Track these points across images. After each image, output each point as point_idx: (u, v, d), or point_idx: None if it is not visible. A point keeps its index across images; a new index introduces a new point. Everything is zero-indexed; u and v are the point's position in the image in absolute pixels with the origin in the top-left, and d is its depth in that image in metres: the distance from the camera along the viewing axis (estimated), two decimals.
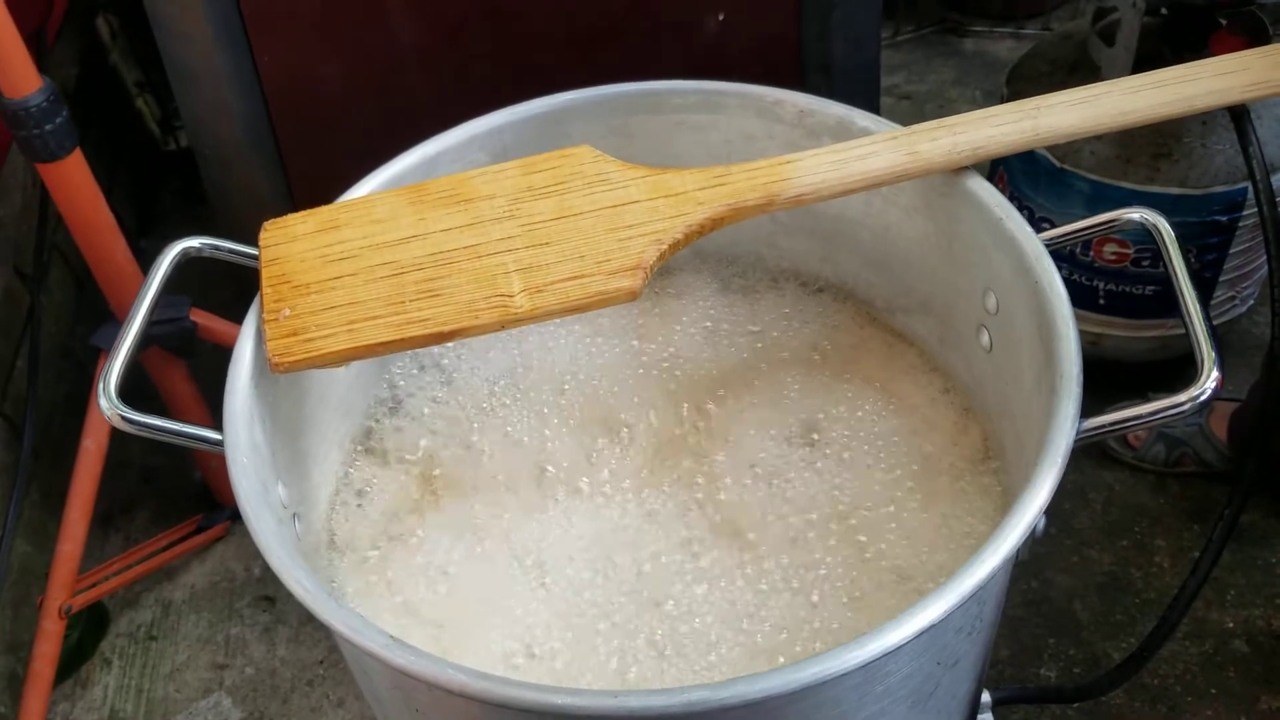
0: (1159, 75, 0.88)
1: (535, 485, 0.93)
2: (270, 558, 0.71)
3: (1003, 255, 0.84)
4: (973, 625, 0.75)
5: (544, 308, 0.81)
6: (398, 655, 0.65)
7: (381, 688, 0.77)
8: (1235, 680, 1.40)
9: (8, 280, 1.63)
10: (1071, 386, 0.73)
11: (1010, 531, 0.67)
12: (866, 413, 0.96)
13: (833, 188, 0.86)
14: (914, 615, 0.64)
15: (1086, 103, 0.86)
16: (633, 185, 0.86)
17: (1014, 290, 0.84)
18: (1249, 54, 0.89)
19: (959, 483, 0.91)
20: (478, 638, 0.83)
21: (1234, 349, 1.74)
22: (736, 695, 0.62)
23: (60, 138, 1.20)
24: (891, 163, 0.86)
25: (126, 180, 2.12)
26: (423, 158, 0.97)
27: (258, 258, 0.86)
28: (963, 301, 0.92)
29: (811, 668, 0.63)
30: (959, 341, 0.95)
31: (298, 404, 0.88)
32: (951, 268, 0.93)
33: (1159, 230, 0.80)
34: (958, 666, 0.77)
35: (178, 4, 1.26)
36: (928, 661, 0.72)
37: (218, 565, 1.64)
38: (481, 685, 0.64)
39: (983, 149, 0.86)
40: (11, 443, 1.54)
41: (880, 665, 0.66)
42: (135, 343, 0.82)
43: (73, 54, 1.96)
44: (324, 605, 0.68)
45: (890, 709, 0.73)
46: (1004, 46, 2.44)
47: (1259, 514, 1.55)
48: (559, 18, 1.32)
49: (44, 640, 1.39)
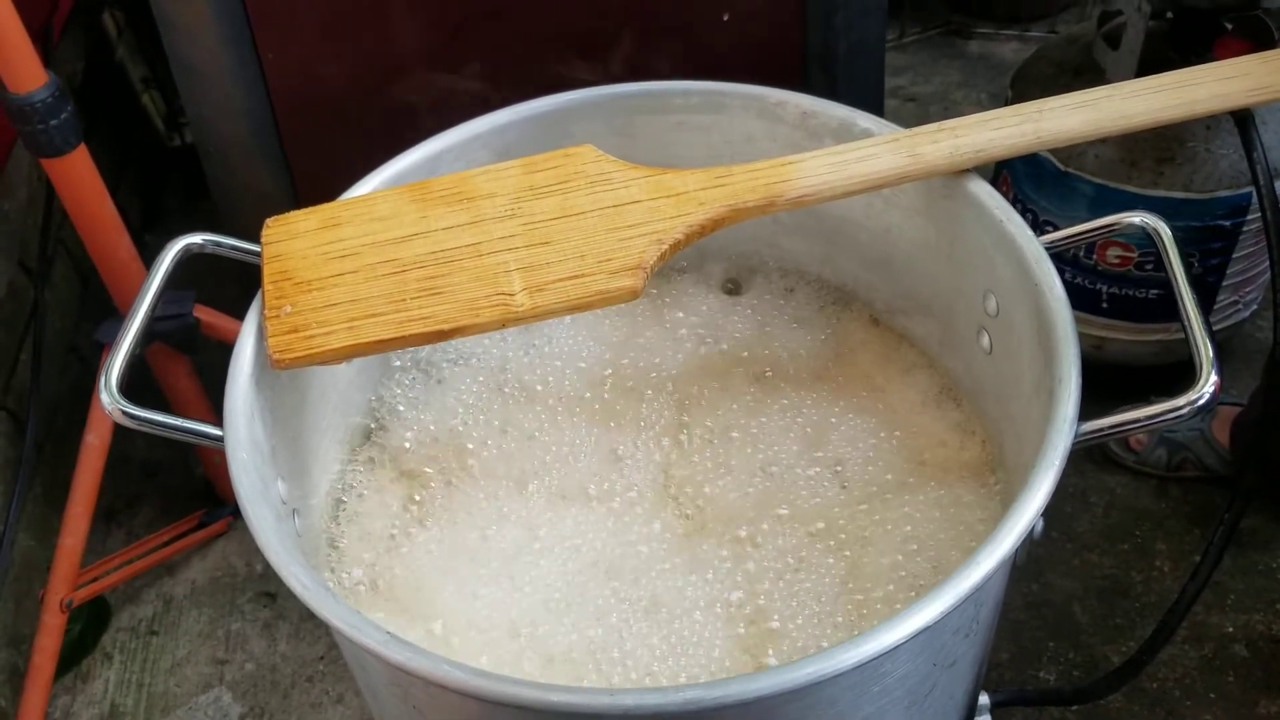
0: (1160, 79, 0.88)
1: (533, 485, 0.93)
2: (269, 554, 0.71)
3: (1003, 258, 0.84)
4: (970, 627, 0.75)
5: (544, 306, 0.81)
6: (395, 652, 0.66)
7: (379, 684, 0.78)
8: (1234, 685, 1.40)
9: (12, 275, 1.64)
10: (1070, 389, 0.73)
11: (1007, 534, 0.67)
12: (866, 414, 0.96)
13: (834, 189, 0.86)
14: (909, 616, 0.64)
15: (1088, 106, 0.86)
16: (634, 185, 0.87)
17: (1014, 293, 0.84)
18: (1250, 59, 0.89)
19: (960, 485, 0.91)
20: (475, 634, 0.83)
21: (1237, 354, 1.74)
22: (732, 694, 0.63)
23: (65, 133, 1.21)
24: (893, 165, 0.86)
25: (132, 176, 2.12)
26: (425, 156, 0.98)
27: (260, 254, 0.87)
28: (963, 304, 0.92)
29: (807, 668, 0.63)
30: (959, 344, 0.95)
31: (298, 401, 0.88)
32: (952, 270, 0.93)
33: (1159, 234, 0.80)
34: (955, 667, 0.78)
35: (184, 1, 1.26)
36: (924, 662, 0.73)
37: (219, 561, 1.64)
38: (478, 682, 0.64)
39: (984, 151, 0.86)
40: (15, 437, 1.55)
41: (876, 666, 0.66)
42: (136, 338, 0.82)
43: (79, 49, 1.96)
44: (321, 601, 0.68)
45: (887, 709, 0.73)
46: (1009, 49, 2.44)
47: (1260, 519, 1.55)
48: (563, 17, 1.32)
49: (45, 634, 1.40)
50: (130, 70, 2.08)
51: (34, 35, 1.17)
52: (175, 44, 1.31)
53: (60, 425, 1.67)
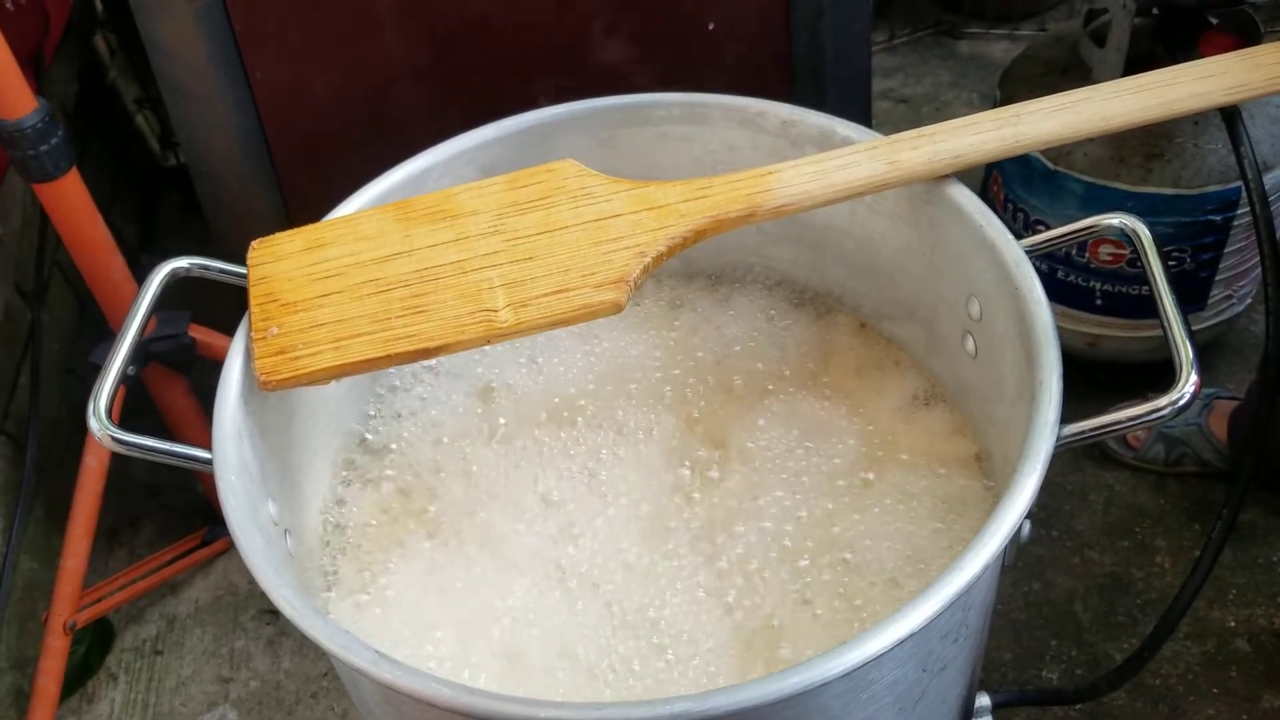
0: (1139, 80, 0.88)
1: (526, 499, 0.93)
2: (257, 575, 0.71)
3: (984, 262, 0.85)
4: (958, 631, 0.75)
5: (528, 322, 0.82)
6: (384, 670, 0.66)
7: (372, 701, 0.78)
8: (1237, 679, 1.39)
9: (8, 298, 1.64)
10: (1051, 393, 0.73)
11: (990, 538, 0.67)
12: (854, 419, 0.96)
13: (814, 198, 0.86)
14: (895, 622, 0.64)
15: (1066, 109, 0.86)
16: (616, 199, 0.87)
17: (996, 297, 0.84)
18: (1229, 57, 0.89)
19: (949, 488, 0.91)
20: (468, 650, 0.84)
21: (1232, 348, 1.74)
22: (720, 705, 0.63)
23: (56, 158, 1.21)
24: (872, 172, 0.86)
25: (127, 196, 2.13)
26: (411, 173, 0.98)
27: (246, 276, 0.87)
28: (947, 308, 0.93)
29: (794, 676, 0.63)
30: (945, 348, 0.95)
31: (287, 421, 0.89)
32: (935, 275, 0.93)
33: (1138, 235, 0.80)
34: (945, 672, 0.78)
35: (171, 22, 1.27)
36: (913, 668, 0.73)
37: (221, 579, 1.65)
38: (467, 700, 0.64)
39: (963, 157, 0.86)
40: (15, 459, 1.55)
41: (864, 673, 0.66)
42: (125, 362, 0.83)
43: (72, 73, 1.97)
44: (310, 621, 0.69)
45: (878, 715, 0.74)
46: (999, 48, 2.44)
47: (1259, 512, 1.55)
48: (548, 32, 1.33)
49: (49, 656, 1.40)
50: (124, 91, 2.09)
51: (25, 62, 1.18)
52: (163, 65, 1.32)
53: (60, 447, 1.68)
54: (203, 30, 1.27)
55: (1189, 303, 1.58)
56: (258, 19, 1.27)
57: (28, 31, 1.61)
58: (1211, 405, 1.58)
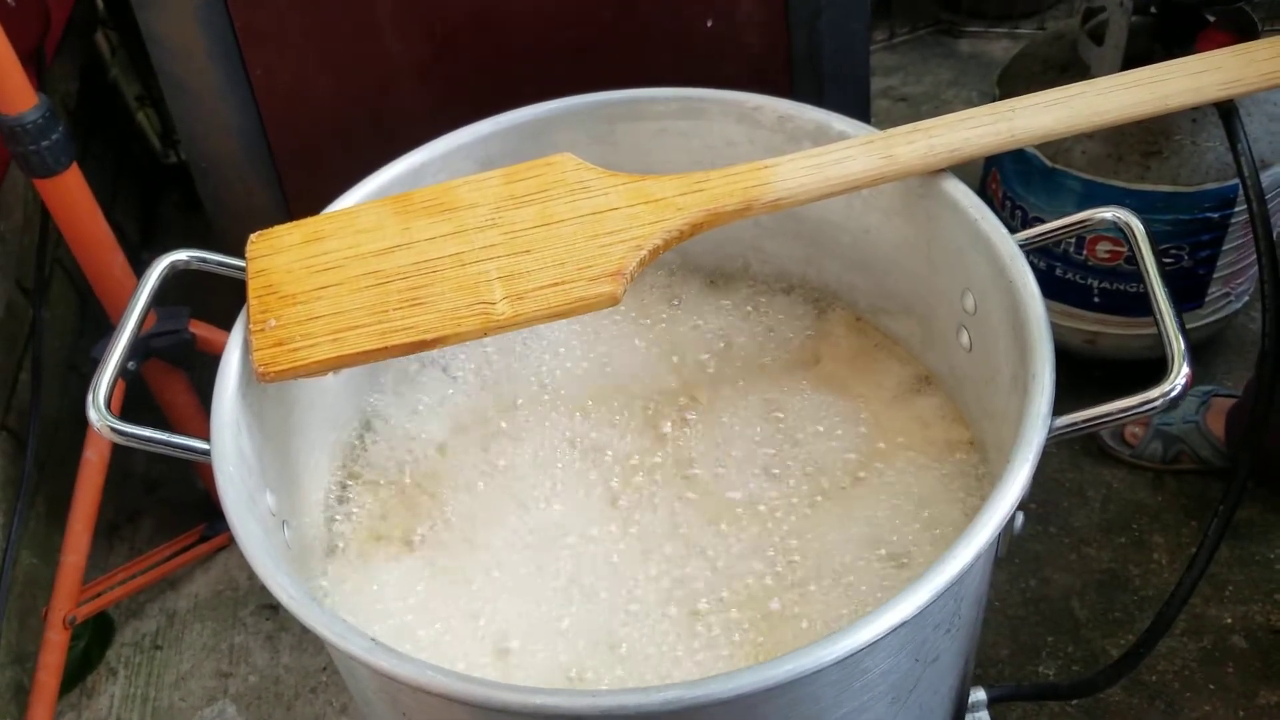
0: (1134, 75, 0.88)
1: (524, 493, 0.94)
2: (254, 564, 0.72)
3: (979, 256, 0.85)
4: (951, 622, 0.76)
5: (525, 314, 0.82)
6: (380, 659, 0.66)
7: (368, 690, 0.79)
8: (1233, 676, 1.40)
9: (10, 295, 1.65)
10: (1043, 384, 0.74)
11: (983, 528, 0.68)
12: (850, 412, 0.96)
13: (810, 192, 0.86)
14: (887, 611, 0.64)
15: (1061, 103, 0.87)
16: (613, 192, 0.87)
17: (990, 291, 0.84)
18: (1224, 52, 0.89)
19: (945, 480, 0.91)
20: (464, 639, 0.84)
21: (1230, 345, 1.74)
22: (712, 693, 0.63)
23: (56, 153, 1.22)
24: (868, 166, 0.86)
25: (129, 193, 2.14)
26: (409, 167, 0.99)
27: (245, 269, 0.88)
28: (943, 303, 0.93)
29: (786, 665, 0.63)
30: (941, 342, 0.96)
31: (286, 413, 0.89)
32: (931, 269, 0.93)
33: (1131, 229, 0.81)
34: (938, 663, 0.78)
35: (172, 19, 1.27)
36: (905, 658, 0.73)
37: (221, 574, 1.65)
38: (463, 687, 0.65)
39: (958, 151, 0.86)
40: (15, 455, 1.56)
41: (856, 661, 0.67)
42: (123, 355, 0.83)
43: (73, 70, 1.98)
44: (307, 610, 0.69)
45: (870, 705, 0.74)
46: (999, 46, 2.45)
47: (1256, 509, 1.55)
48: (548, 28, 1.33)
49: (49, 651, 1.41)
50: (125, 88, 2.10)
51: (27, 58, 1.18)
52: (164, 62, 1.32)
53: (61, 443, 1.69)
54: (203, 27, 1.27)
55: (1186, 300, 1.58)
56: (258, 15, 1.27)
57: (29, 28, 1.62)
58: (1209, 402, 1.59)
